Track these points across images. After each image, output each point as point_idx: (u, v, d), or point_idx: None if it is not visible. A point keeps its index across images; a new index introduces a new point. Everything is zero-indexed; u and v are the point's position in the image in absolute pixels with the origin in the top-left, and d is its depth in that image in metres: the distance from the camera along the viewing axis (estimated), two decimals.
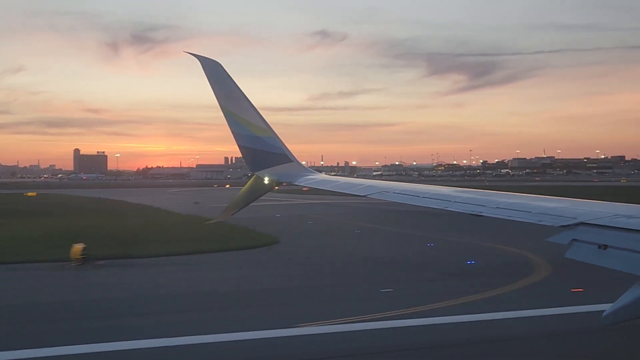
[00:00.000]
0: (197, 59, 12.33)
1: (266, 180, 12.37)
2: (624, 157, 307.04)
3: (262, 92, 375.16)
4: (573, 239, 7.94)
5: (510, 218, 9.79)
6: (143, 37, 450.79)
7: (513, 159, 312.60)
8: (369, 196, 11.11)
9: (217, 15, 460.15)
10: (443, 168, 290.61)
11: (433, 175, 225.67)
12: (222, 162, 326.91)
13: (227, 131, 12.53)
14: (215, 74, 12.35)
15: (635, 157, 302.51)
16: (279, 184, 12.59)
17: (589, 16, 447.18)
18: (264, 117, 12.62)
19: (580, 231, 8.02)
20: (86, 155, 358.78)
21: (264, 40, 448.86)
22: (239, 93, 12.43)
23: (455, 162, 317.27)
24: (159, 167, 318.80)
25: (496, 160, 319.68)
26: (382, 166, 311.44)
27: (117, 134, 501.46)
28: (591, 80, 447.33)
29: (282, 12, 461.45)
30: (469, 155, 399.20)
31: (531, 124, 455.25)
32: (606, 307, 6.36)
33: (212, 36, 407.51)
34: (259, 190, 12.74)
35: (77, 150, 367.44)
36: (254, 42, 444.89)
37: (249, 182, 12.92)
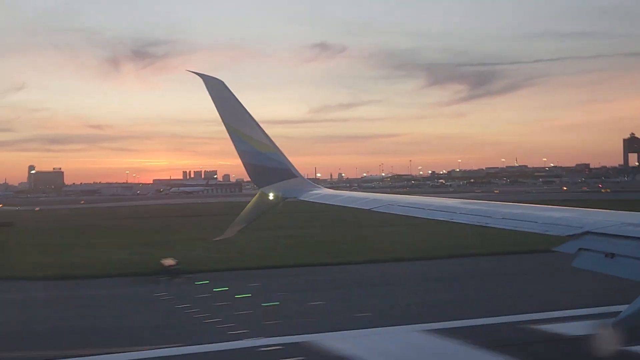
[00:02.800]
0: (200, 77, 12.24)
1: (271, 196, 12.46)
2: (589, 164, 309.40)
3: (262, 105, 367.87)
4: (580, 248, 8.35)
5: (516, 228, 10.16)
6: (143, 53, 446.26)
7: (455, 169, 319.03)
8: (374, 209, 11.38)
9: (216, 30, 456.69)
10: (389, 179, 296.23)
11: (373, 187, 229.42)
12: (198, 177, 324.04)
13: (228, 145, 12.61)
14: (218, 92, 12.37)
15: (605, 165, 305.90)
16: (284, 199, 12.70)
17: (586, 24, 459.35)
18: (265, 131, 12.76)
19: (587, 240, 8.22)
20: (41, 172, 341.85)
21: (263, 53, 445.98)
22: (242, 110, 12.50)
23: (419, 173, 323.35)
24: (82, 183, 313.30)
25: (454, 171, 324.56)
26: (346, 179, 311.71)
27: (120, 149, 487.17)
28: (590, 87, 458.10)
29: (281, 25, 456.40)
30: (415, 166, 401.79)
31: (531, 132, 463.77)
32: None
33: (212, 50, 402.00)
34: (265, 206, 12.82)
35: (31, 167, 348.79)
36: (254, 55, 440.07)
37: (254, 198, 12.97)
